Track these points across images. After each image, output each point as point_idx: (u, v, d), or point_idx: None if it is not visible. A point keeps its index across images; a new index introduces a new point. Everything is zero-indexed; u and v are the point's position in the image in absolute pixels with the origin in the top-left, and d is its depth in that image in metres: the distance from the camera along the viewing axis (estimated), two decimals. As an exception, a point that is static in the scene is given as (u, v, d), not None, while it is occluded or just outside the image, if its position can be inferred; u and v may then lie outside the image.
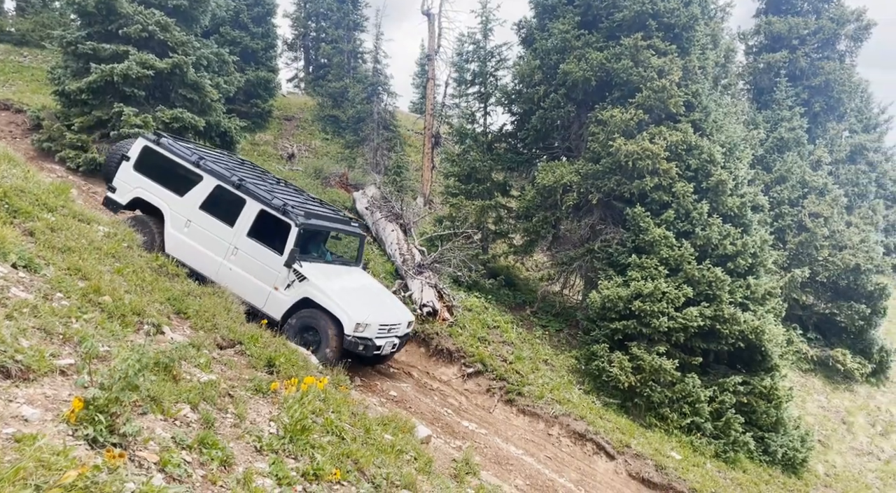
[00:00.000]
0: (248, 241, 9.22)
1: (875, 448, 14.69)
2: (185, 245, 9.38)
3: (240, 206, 9.29)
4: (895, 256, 27.20)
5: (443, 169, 19.55)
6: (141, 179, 9.73)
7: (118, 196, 9.85)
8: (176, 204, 9.53)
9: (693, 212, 12.97)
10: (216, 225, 9.36)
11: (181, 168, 9.59)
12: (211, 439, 3.68)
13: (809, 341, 18.86)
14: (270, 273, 9.07)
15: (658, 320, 12.04)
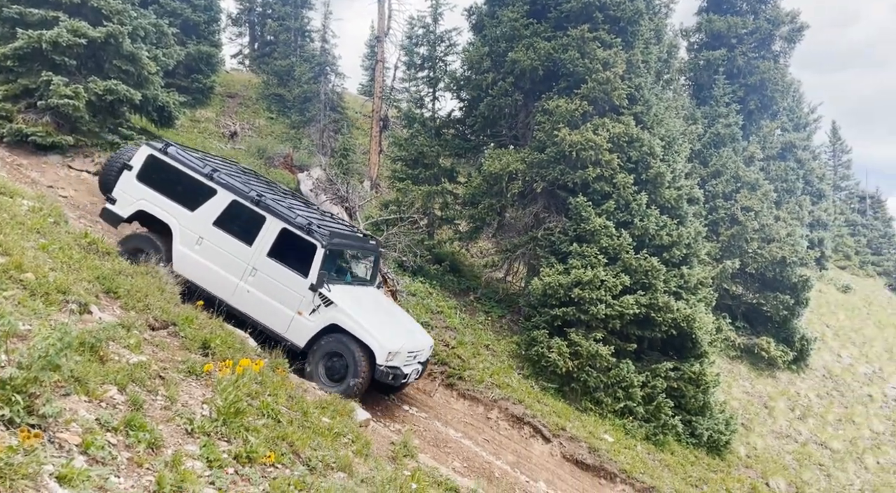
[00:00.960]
0: (268, 261, 8.59)
1: (793, 431, 15.59)
2: (196, 264, 8.70)
3: (259, 223, 8.68)
4: (818, 249, 28.78)
5: (390, 153, 19.43)
6: (145, 190, 8.98)
7: (119, 208, 9.04)
8: (186, 219, 8.82)
9: (632, 203, 13.33)
10: (232, 243, 8.70)
11: (192, 180, 8.88)
12: (138, 421, 3.58)
13: (737, 329, 19.76)
14: (294, 297, 8.47)
15: (596, 308, 12.37)
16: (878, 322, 27.52)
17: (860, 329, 25.29)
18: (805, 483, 12.52)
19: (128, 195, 9.05)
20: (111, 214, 9.11)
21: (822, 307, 25.56)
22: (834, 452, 14.96)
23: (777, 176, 20.09)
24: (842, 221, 38.77)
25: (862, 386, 20.32)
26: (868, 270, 38.75)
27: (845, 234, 38.49)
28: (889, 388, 20.90)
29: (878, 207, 45.47)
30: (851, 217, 41.96)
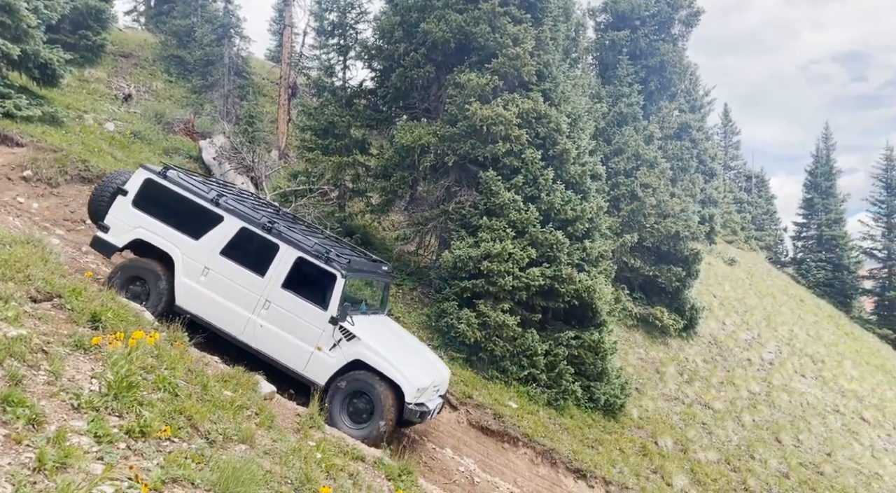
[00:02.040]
0: (283, 293, 8.01)
1: (681, 394, 16.81)
2: (202, 297, 8.08)
3: (272, 252, 8.10)
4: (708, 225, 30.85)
5: (299, 122, 18.85)
6: (143, 217, 8.29)
7: (113, 237, 8.32)
8: (189, 248, 8.18)
9: (540, 178, 13.71)
10: (242, 274, 8.09)
11: (195, 206, 8.24)
12: (17, 396, 3.35)
13: (635, 300, 20.91)
14: (312, 331, 7.91)
15: (504, 280, 12.71)
16: (758, 292, 30.01)
17: (743, 299, 27.47)
18: (689, 441, 13.59)
19: (123, 223, 8.32)
20: (104, 243, 8.34)
21: (710, 279, 27.48)
22: (716, 411, 16.29)
23: (673, 155, 21.28)
24: (730, 199, 41.70)
25: (742, 351, 22.14)
26: (752, 244, 42.03)
27: (733, 211, 41.47)
28: (766, 352, 22.92)
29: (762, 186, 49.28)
30: (739, 195, 45.23)
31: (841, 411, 20.55)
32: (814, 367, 23.35)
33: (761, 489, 12.69)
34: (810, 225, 42.11)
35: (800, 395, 20.31)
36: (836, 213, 41.46)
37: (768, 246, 44.97)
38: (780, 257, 44.93)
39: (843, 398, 21.68)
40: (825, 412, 19.84)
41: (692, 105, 25.99)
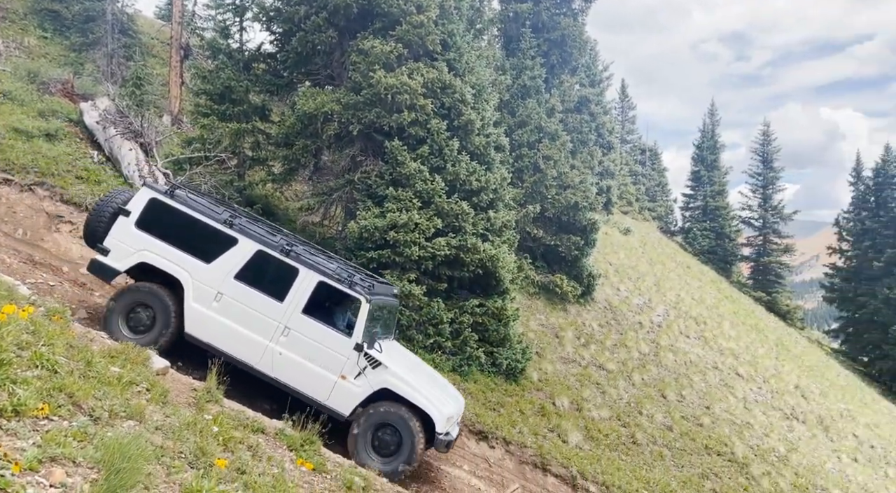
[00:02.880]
0: (304, 319, 7.64)
1: (578, 357, 17.73)
2: (215, 323, 7.59)
3: (291, 276, 7.71)
4: (606, 196, 32.33)
5: (193, 86, 17.82)
6: (147, 239, 7.75)
7: (114, 260, 7.71)
8: (201, 272, 7.68)
9: (445, 148, 13.78)
10: (259, 299, 7.66)
11: (206, 228, 7.76)
12: None
13: (537, 268, 21.68)
14: (336, 359, 7.57)
15: (410, 250, 12.78)
16: (650, 260, 31.95)
17: (636, 266, 29.15)
18: (584, 400, 14.41)
19: (125, 245, 7.73)
20: (104, 267, 7.72)
21: (606, 247, 28.91)
22: (609, 372, 17.33)
23: (574, 128, 22.03)
24: (626, 172, 43.85)
25: (634, 315, 23.58)
26: (645, 214, 44.55)
27: (629, 183, 43.66)
28: (655, 316, 24.53)
29: (655, 159, 52.08)
30: (634, 168, 47.61)
31: (719, 367, 22.44)
32: (697, 328, 25.28)
33: (647, 442, 13.71)
34: (697, 196, 45.12)
35: (684, 354, 21.97)
36: (720, 185, 44.64)
37: (660, 216, 47.82)
38: (670, 227, 47.92)
39: (722, 356, 23.67)
40: (705, 369, 21.60)
41: (592, 79, 26.94)
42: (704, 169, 45.36)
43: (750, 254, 45.06)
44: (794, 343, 34.01)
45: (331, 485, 5.37)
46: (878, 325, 38.20)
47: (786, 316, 40.70)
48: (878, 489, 19.06)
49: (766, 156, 45.42)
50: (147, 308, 7.67)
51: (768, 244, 44.48)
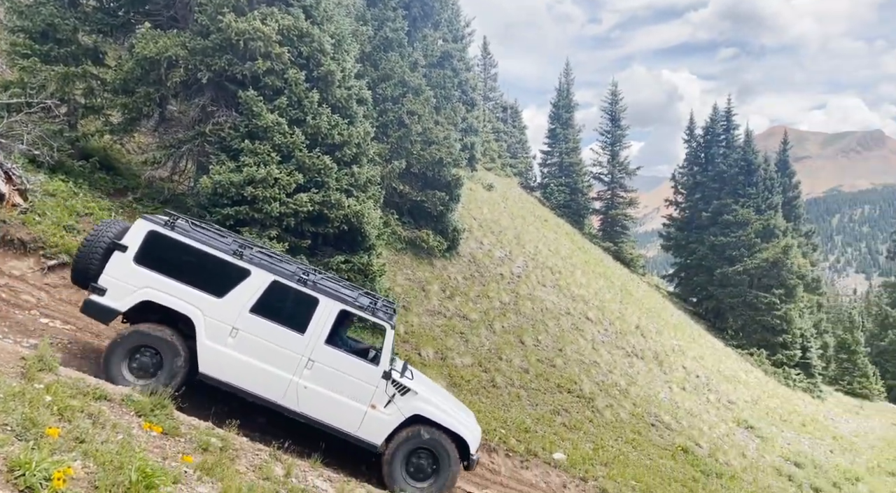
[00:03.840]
0: (327, 350, 7.40)
1: (443, 308, 18.30)
2: (233, 361, 7.16)
3: (311, 307, 7.41)
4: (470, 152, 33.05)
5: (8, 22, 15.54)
6: (149, 276, 7.17)
7: (111, 300, 7.07)
8: (212, 308, 7.22)
9: (305, 100, 13.29)
10: (279, 332, 7.31)
11: (214, 260, 7.28)
12: None
13: (404, 224, 21.87)
14: (364, 388, 7.40)
15: (271, 206, 12.35)
16: (511, 214, 33.37)
17: (498, 221, 30.34)
18: (448, 349, 14.98)
19: (124, 283, 7.10)
20: (101, 307, 7.05)
21: (471, 203, 29.76)
22: (472, 321, 18.10)
23: (437, 83, 22.09)
24: (489, 129, 45.02)
25: (496, 267, 24.67)
26: (507, 171, 46.21)
27: (491, 139, 44.91)
28: (515, 267, 25.81)
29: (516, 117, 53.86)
30: (497, 125, 48.97)
31: (571, 313, 24.24)
32: (552, 277, 27.00)
33: (506, 384, 14.61)
34: (554, 153, 47.48)
35: (540, 302, 23.44)
36: (574, 142, 47.25)
37: (521, 172, 49.87)
38: (530, 183, 50.19)
39: (574, 302, 25.55)
40: (559, 315, 23.24)
41: (454, 35, 26.99)
42: (560, 127, 47.69)
43: (600, 207, 48.52)
44: (636, 288, 37.45)
45: (185, 447, 5.19)
46: (705, 269, 43.10)
47: (630, 264, 44.59)
48: (700, 413, 21.85)
49: (614, 115, 48.62)
50: (150, 350, 7.13)
51: (616, 198, 48.10)
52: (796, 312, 40.27)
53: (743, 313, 40.73)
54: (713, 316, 42.84)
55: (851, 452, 27.49)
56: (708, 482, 14.49)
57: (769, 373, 36.98)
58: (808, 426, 29.01)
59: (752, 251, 40.46)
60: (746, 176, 42.42)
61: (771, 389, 33.65)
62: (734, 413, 24.18)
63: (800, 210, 50.29)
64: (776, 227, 41.19)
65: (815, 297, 47.93)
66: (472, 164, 34.85)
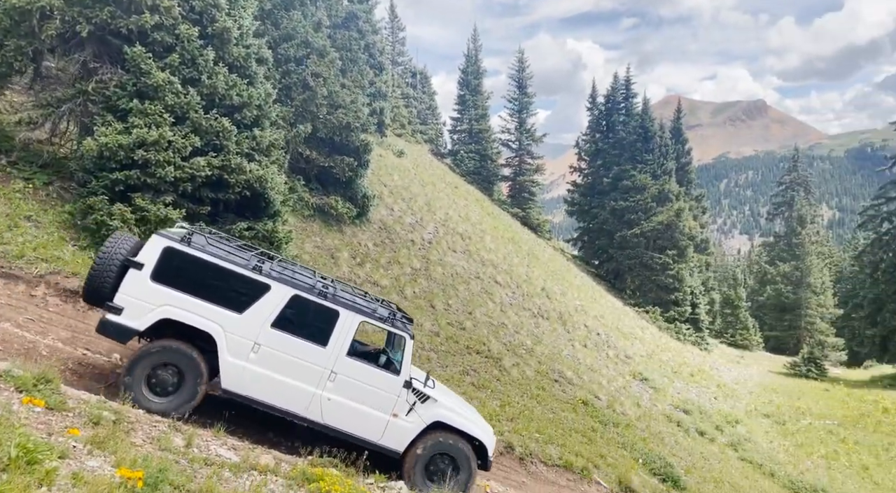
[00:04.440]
0: (349, 362, 7.52)
1: (353, 275, 18.21)
2: (255, 376, 7.22)
3: (331, 319, 7.49)
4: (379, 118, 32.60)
5: None
6: (168, 293, 7.08)
7: (130, 319, 6.95)
8: (233, 324, 7.22)
9: (199, 58, 12.56)
10: (301, 346, 7.39)
11: (233, 275, 7.26)
12: None
13: (311, 190, 21.36)
14: (387, 398, 7.58)
15: (164, 170, 11.70)
16: (421, 181, 33.38)
17: (408, 187, 30.28)
18: (359, 314, 14.97)
19: (141, 301, 6.99)
20: (118, 327, 6.92)
21: (381, 169, 29.48)
22: (383, 287, 18.14)
23: (342, 45, 21.46)
24: (398, 94, 44.47)
25: (407, 233, 24.72)
26: (417, 137, 46.01)
27: (401, 105, 44.42)
28: (426, 233, 25.99)
29: (426, 83, 53.48)
30: (406, 91, 48.44)
31: (481, 277, 24.80)
32: (462, 243, 27.43)
33: (417, 348, 14.81)
34: (463, 120, 47.73)
35: (451, 267, 23.80)
36: (483, 109, 47.67)
37: (431, 139, 49.82)
38: (440, 149, 50.28)
39: (483, 267, 26.13)
40: (469, 279, 23.73)
41: (359, -5, 26.21)
42: (469, 93, 47.88)
43: (509, 174, 49.48)
44: (542, 252, 38.79)
45: (73, 422, 4.94)
46: (606, 233, 45.24)
47: (537, 229, 46.02)
48: (600, 368, 23.18)
49: (521, 82, 49.36)
50: (170, 367, 7.04)
51: (523, 165, 49.21)
52: (687, 271, 43.23)
53: (640, 273, 43.23)
54: (613, 277, 45.18)
55: (732, 398, 30.20)
56: (605, 430, 15.48)
57: (662, 329, 39.67)
58: (696, 376, 31.51)
59: (649, 215, 42.83)
60: (644, 143, 44.54)
61: (664, 343, 36.16)
62: (630, 367, 25.83)
63: (691, 176, 53.54)
64: (670, 191, 43.71)
65: (704, 257, 51.58)
66: (382, 130, 34.41)
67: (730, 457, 18.87)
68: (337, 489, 5.59)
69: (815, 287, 57.20)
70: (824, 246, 71.89)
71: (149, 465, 4.29)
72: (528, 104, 49.36)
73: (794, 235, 58.80)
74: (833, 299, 58.82)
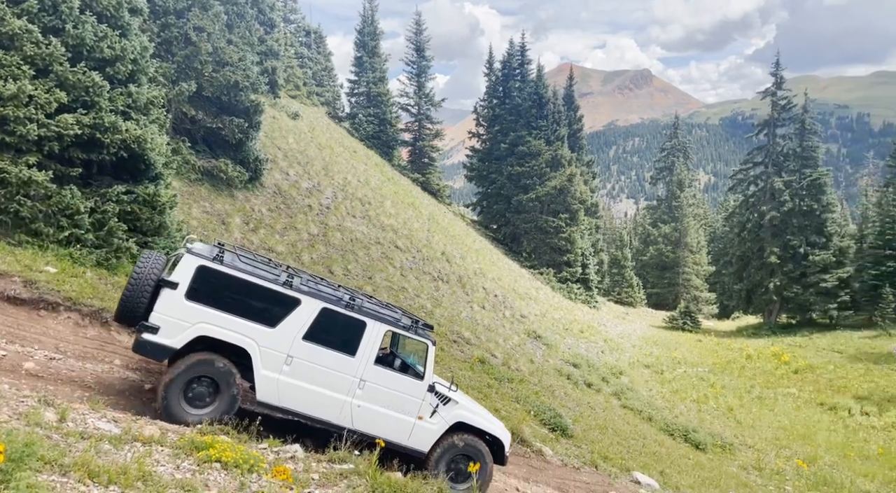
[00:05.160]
0: (377, 370, 7.91)
1: (246, 242, 17.61)
2: (290, 387, 7.40)
3: (359, 330, 7.79)
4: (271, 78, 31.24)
5: None
6: (202, 311, 7.15)
7: (166, 338, 6.97)
8: (266, 338, 7.34)
9: (62, 5, 11.40)
10: (331, 357, 7.65)
11: (265, 291, 7.36)
12: None
13: (198, 153, 20.24)
14: (412, 402, 8.04)
15: (26, 128, 10.64)
16: (319, 145, 32.50)
17: (305, 151, 29.41)
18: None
19: (177, 320, 7.05)
20: (156, 346, 6.97)
21: (275, 132, 28.39)
22: (278, 253, 17.69)
23: (228, -2, 20.24)
24: (292, 54, 42.66)
25: (304, 199, 24.11)
26: (313, 99, 44.56)
27: (295, 65, 42.72)
28: (324, 199, 25.46)
29: (321, 43, 51.64)
30: (300, 50, 46.56)
31: (381, 242, 24.75)
32: (362, 208, 27.16)
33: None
34: (361, 82, 46.69)
35: (350, 233, 23.55)
36: (381, 72, 46.83)
37: (328, 102, 48.42)
38: (338, 113, 49.03)
39: (383, 232, 26.07)
40: (369, 245, 23.62)
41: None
42: (367, 55, 46.81)
43: (409, 139, 49.23)
44: (443, 217, 39.22)
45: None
46: (504, 198, 46.37)
47: (437, 194, 46.35)
48: (497, 328, 24.03)
49: (419, 45, 48.86)
50: (205, 380, 7.23)
51: (423, 130, 49.11)
52: (578, 234, 45.34)
53: (535, 236, 44.84)
54: (510, 241, 46.57)
55: (618, 351, 32.37)
56: (501, 386, 16.15)
57: (556, 289, 41.58)
58: (586, 332, 33.43)
59: (543, 180, 44.28)
60: (538, 109, 45.70)
61: (557, 302, 37.98)
62: (525, 326, 26.97)
63: (583, 142, 55.76)
64: (563, 157, 45.33)
65: (594, 220, 54.26)
66: (275, 90, 33.04)
67: (614, 406, 20.30)
68: (228, 455, 5.49)
69: (692, 247, 61.95)
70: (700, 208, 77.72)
71: (13, 440, 3.99)
72: (426, 68, 49.03)
73: (673, 199, 63.05)
74: (707, 258, 64.05)
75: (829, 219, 42.69)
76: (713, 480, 14.96)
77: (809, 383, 28.75)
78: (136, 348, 7.20)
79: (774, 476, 17.06)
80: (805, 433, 21.78)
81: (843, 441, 21.15)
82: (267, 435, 7.06)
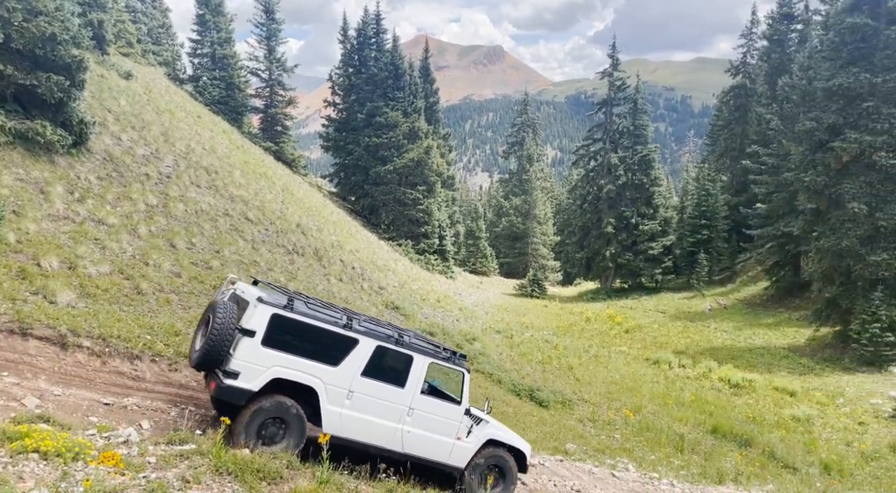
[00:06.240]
0: (423, 398, 8.81)
1: (71, 213, 15.82)
2: (351, 420, 8.27)
3: (408, 364, 8.65)
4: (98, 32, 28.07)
5: None
6: (277, 355, 7.81)
7: (245, 382, 7.58)
8: (331, 376, 8.15)
9: None
10: (384, 390, 8.49)
11: (328, 334, 8.15)
12: None
13: (8, 113, 17.74)
14: (452, 425, 8.98)
15: None
16: (156, 109, 29.87)
17: (140, 115, 26.87)
18: (79, 257, 13.11)
19: (254, 365, 7.67)
20: (238, 390, 7.54)
21: (104, 93, 25.61)
22: (110, 226, 16.13)
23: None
24: (122, 6, 38.53)
25: (140, 166, 22.10)
26: (149, 58, 40.68)
27: (127, 20, 38.60)
28: (163, 167, 23.53)
29: (157, -3, 47.14)
30: (132, 3, 42.20)
31: (230, 214, 23.48)
32: (208, 178, 25.50)
33: (153, 291, 13.62)
34: (205, 43, 43.41)
35: (195, 204, 22.06)
36: (227, 32, 43.87)
37: (167, 62, 44.48)
38: (179, 75, 45.27)
39: (233, 203, 24.73)
40: (216, 217, 22.30)
41: None
42: (210, 13, 43.52)
43: (260, 106, 46.85)
44: (298, 188, 38.00)
45: None
46: (362, 169, 45.92)
47: (291, 164, 44.79)
48: (355, 300, 23.98)
49: (268, 6, 46.33)
50: (277, 420, 7.76)
51: (275, 96, 46.97)
52: (436, 206, 46.24)
53: (393, 208, 45.04)
54: (369, 212, 46.38)
55: (472, 319, 33.75)
56: (358, 357, 16.17)
57: (414, 260, 42.24)
58: (442, 301, 34.42)
59: (401, 152, 44.42)
60: (395, 80, 45.51)
61: (415, 273, 38.63)
62: (383, 297, 27.18)
63: (439, 115, 56.52)
64: (420, 129, 45.72)
65: (451, 192, 55.59)
66: (103, 47, 29.72)
67: (468, 369, 21.20)
68: (48, 444, 5.00)
69: (540, 218, 65.73)
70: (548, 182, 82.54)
71: None
72: (276, 31, 46.66)
73: (523, 173, 66.28)
74: (553, 229, 68.34)
75: (656, 192, 47.26)
76: (554, 434, 16.22)
77: (638, 341, 32.00)
78: (220, 393, 7.58)
79: (606, 427, 18.88)
80: (633, 386, 24.26)
81: (663, 391, 23.86)
82: (92, 422, 6.51)
